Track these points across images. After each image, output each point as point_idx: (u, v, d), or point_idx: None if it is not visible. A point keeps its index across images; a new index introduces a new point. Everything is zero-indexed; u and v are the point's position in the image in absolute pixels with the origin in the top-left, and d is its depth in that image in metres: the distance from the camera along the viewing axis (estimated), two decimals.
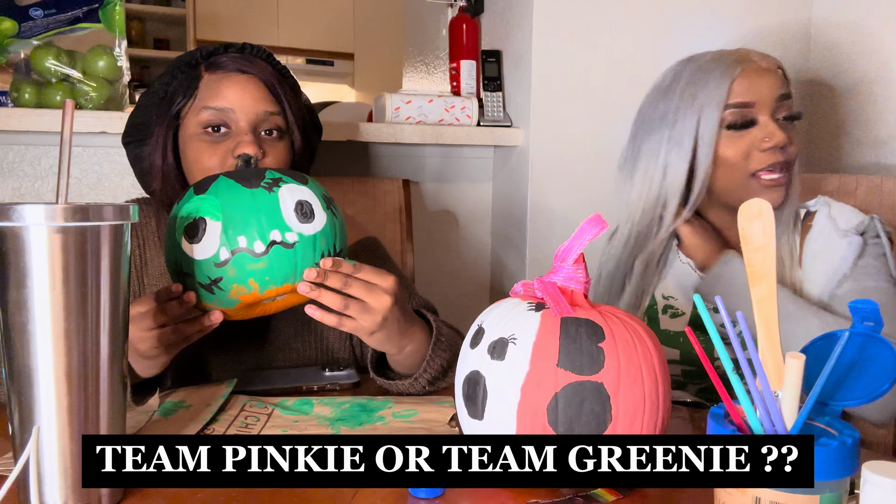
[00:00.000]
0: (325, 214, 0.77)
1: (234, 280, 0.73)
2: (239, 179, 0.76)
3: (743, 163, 0.99)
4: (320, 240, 0.76)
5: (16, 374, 0.55)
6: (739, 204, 0.95)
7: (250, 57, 0.98)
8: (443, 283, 1.68)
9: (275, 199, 0.74)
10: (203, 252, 0.73)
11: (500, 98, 1.62)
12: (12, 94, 1.25)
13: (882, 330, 0.53)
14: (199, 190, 0.76)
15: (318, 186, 0.80)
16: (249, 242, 0.72)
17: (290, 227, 0.74)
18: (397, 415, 0.80)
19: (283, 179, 0.77)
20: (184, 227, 0.74)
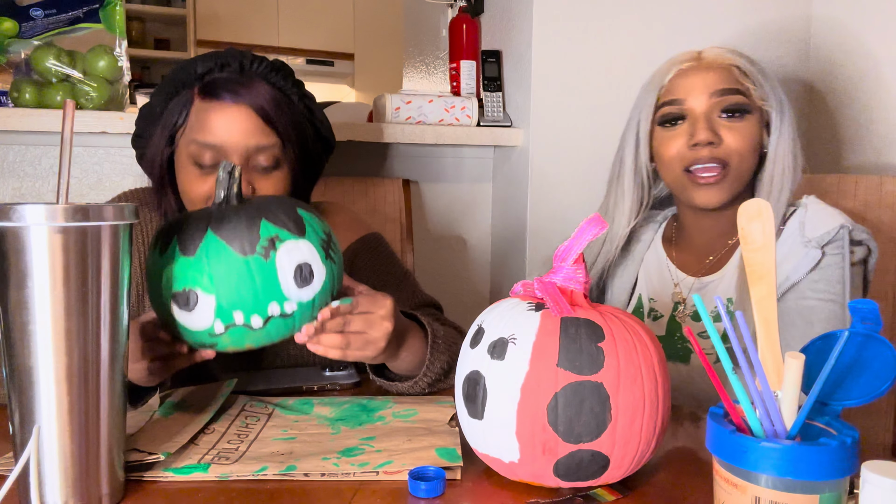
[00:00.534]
0: (324, 268, 0.72)
1: (230, 344, 0.71)
2: (230, 240, 0.67)
3: (677, 160, 0.99)
4: (319, 299, 0.72)
5: (16, 373, 0.55)
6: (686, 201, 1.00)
7: (249, 75, 0.92)
8: (443, 283, 1.68)
9: (272, 268, 0.68)
10: (196, 323, 0.68)
11: (500, 98, 1.62)
12: (13, 94, 1.25)
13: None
14: (186, 250, 0.68)
15: (316, 231, 0.73)
16: (246, 318, 0.68)
17: (288, 298, 0.69)
18: (397, 415, 0.80)
19: (280, 237, 0.69)
20: (172, 293, 0.68)
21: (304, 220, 0.72)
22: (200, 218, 0.70)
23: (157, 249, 0.70)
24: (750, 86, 0.98)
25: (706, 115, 0.97)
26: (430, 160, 1.66)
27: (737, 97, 0.97)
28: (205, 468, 0.64)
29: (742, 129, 0.97)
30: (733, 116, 0.97)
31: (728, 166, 0.97)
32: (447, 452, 0.67)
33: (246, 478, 0.63)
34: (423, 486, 0.60)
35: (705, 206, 0.99)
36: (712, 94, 0.97)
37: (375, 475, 0.63)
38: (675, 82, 1.00)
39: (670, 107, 1.00)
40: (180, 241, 0.68)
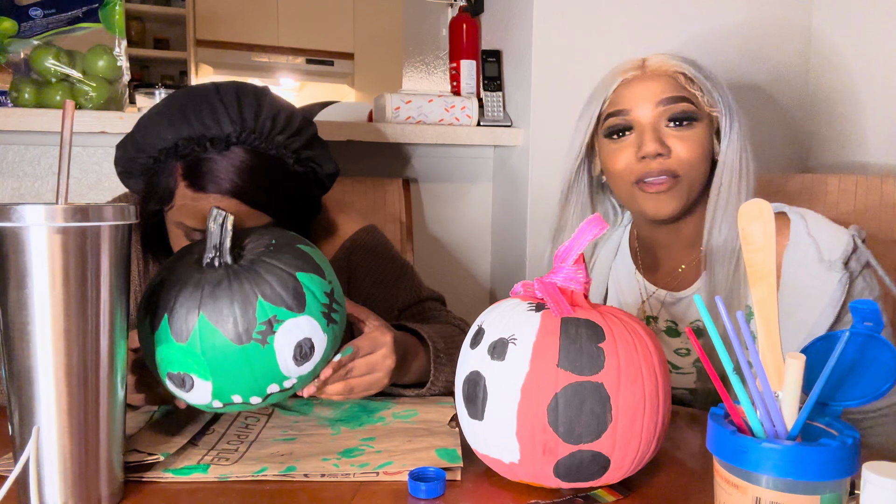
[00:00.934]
0: (326, 337, 0.68)
1: (232, 409, 0.70)
2: (224, 327, 0.63)
3: (626, 172, 0.94)
4: (319, 366, 0.70)
5: (16, 374, 0.55)
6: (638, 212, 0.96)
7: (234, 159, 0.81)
8: (443, 284, 1.68)
9: (270, 354, 0.65)
10: (195, 399, 0.67)
11: (500, 98, 1.62)
12: (12, 93, 1.25)
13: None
14: (178, 335, 0.64)
15: (317, 297, 0.68)
16: (245, 399, 0.67)
17: (287, 377, 0.67)
18: (397, 415, 0.80)
19: (278, 317, 0.65)
20: (166, 373, 0.66)
21: (304, 287, 0.67)
22: (191, 295, 0.65)
23: (147, 323, 0.66)
24: (696, 92, 0.95)
25: (653, 126, 0.93)
26: (430, 160, 1.66)
27: (683, 105, 0.93)
28: (204, 469, 0.64)
29: (691, 138, 0.93)
30: (681, 125, 0.93)
31: (678, 177, 0.92)
32: (447, 453, 0.66)
33: (246, 478, 0.63)
34: (423, 487, 0.60)
35: (656, 217, 0.95)
36: (658, 104, 0.92)
37: (375, 476, 0.63)
38: (620, 93, 0.96)
39: (616, 118, 0.95)
40: (171, 324, 0.64)
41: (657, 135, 0.92)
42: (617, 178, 0.97)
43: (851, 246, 0.88)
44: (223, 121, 0.81)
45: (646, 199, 0.94)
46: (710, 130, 0.96)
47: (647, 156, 0.92)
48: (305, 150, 0.88)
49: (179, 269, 0.68)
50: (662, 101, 0.93)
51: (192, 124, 0.81)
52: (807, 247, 0.89)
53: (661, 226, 1.00)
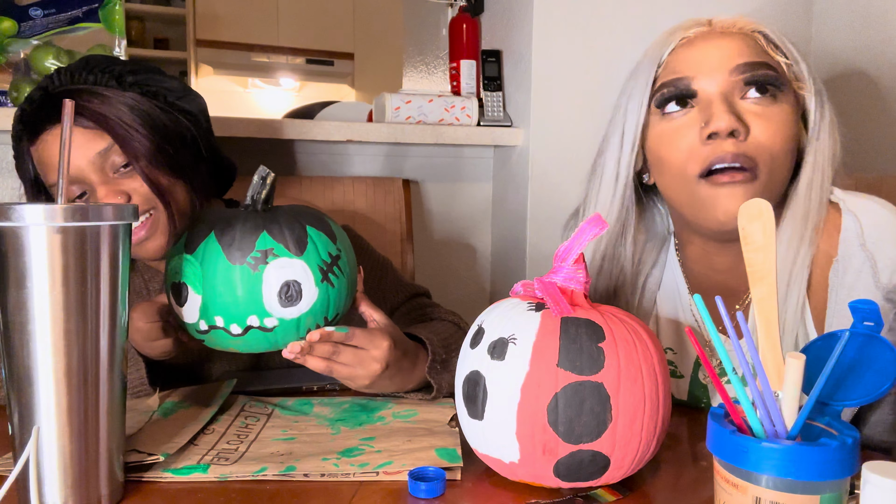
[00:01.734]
0: (317, 290, 0.71)
1: (216, 344, 0.74)
2: (227, 246, 0.69)
3: (686, 160, 0.72)
4: (305, 320, 0.71)
5: (15, 374, 0.55)
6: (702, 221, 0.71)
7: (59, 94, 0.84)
8: (443, 283, 1.68)
9: (257, 281, 0.69)
10: (186, 316, 0.72)
11: (500, 98, 1.62)
12: (12, 93, 1.25)
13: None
14: (190, 246, 0.71)
15: (319, 252, 0.72)
16: (226, 324, 0.71)
17: (269, 314, 0.70)
18: (397, 415, 0.80)
19: (275, 251, 0.69)
20: (171, 283, 0.73)
21: (310, 238, 0.72)
22: (214, 218, 0.72)
23: (176, 241, 0.75)
24: (781, 59, 0.72)
25: (725, 97, 0.70)
26: (430, 160, 1.66)
27: (765, 71, 0.70)
28: (204, 469, 0.64)
29: (774, 117, 0.70)
30: (764, 96, 0.70)
31: (757, 168, 0.70)
32: (447, 453, 0.66)
33: (245, 478, 0.63)
34: (423, 487, 0.60)
35: (729, 220, 0.71)
36: (733, 70, 0.70)
37: (375, 475, 0.63)
38: (680, 55, 0.73)
39: (673, 87, 0.72)
40: (189, 237, 0.72)
41: (731, 107, 0.70)
42: (672, 173, 0.74)
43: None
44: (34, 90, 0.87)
45: (717, 196, 0.70)
46: (796, 111, 0.73)
47: (719, 133, 0.69)
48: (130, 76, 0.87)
49: (218, 209, 0.76)
50: (739, 68, 0.70)
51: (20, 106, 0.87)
52: (860, 265, 0.69)
53: (724, 243, 0.76)
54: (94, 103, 0.83)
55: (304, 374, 0.95)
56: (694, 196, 0.73)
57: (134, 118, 0.84)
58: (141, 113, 0.85)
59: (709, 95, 0.71)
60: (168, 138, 0.87)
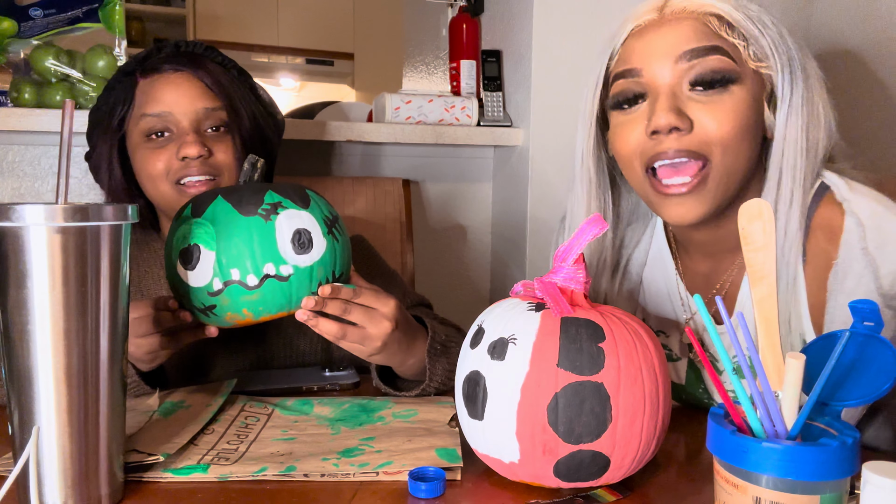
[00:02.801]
0: (325, 241, 0.74)
1: (228, 309, 0.73)
2: (236, 203, 0.72)
3: (636, 155, 0.72)
4: (317, 269, 0.74)
5: (15, 374, 0.55)
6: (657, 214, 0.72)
7: (186, 53, 0.95)
8: (443, 284, 1.68)
9: (271, 229, 0.71)
10: (197, 280, 0.72)
11: (500, 98, 1.62)
12: (12, 93, 1.25)
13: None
14: (197, 211, 0.73)
15: (321, 208, 0.77)
16: (242, 275, 0.71)
17: (285, 260, 0.72)
18: (397, 415, 0.80)
19: (283, 204, 0.73)
20: (179, 251, 0.73)
21: (311, 197, 0.76)
22: (216, 190, 0.75)
23: (177, 215, 0.76)
24: (737, 41, 0.70)
25: (671, 90, 0.69)
26: (430, 160, 1.66)
27: (714, 59, 0.69)
28: (204, 469, 0.64)
29: (724, 107, 0.69)
30: (711, 88, 0.69)
31: (708, 164, 0.69)
32: (447, 453, 0.66)
33: (246, 478, 0.63)
34: (423, 487, 0.60)
35: (679, 223, 0.72)
36: (679, 59, 0.69)
37: (375, 475, 0.63)
38: (630, 45, 0.72)
39: (624, 80, 0.72)
40: (194, 206, 0.74)
41: (674, 101, 0.69)
42: (625, 165, 0.75)
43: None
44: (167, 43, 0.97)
45: (661, 203, 0.72)
46: (755, 95, 0.71)
47: (659, 130, 0.69)
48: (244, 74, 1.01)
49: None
50: (684, 55, 0.69)
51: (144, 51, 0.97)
52: (862, 270, 0.66)
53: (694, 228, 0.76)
54: (215, 69, 0.95)
55: (304, 375, 0.95)
56: (645, 191, 0.74)
57: (245, 98, 0.97)
58: (249, 99, 0.98)
59: (656, 89, 0.71)
60: (261, 132, 0.99)
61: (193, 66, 0.93)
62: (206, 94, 0.93)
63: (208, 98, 0.93)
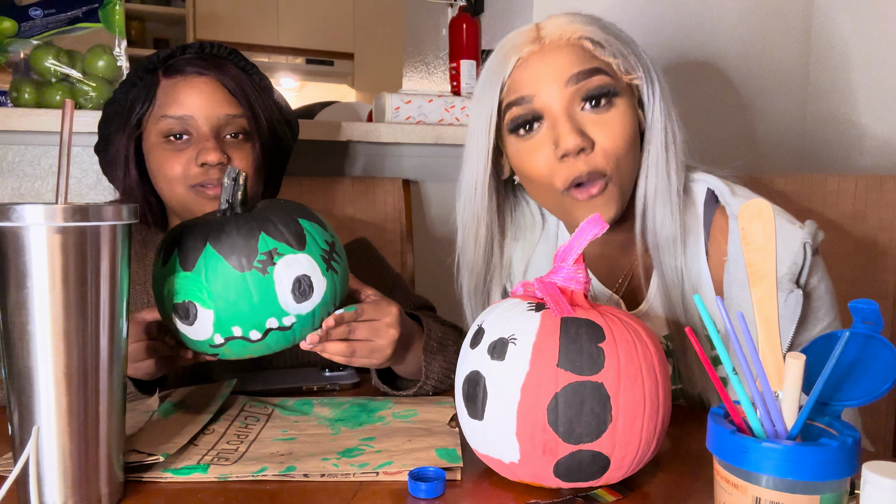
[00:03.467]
0: (325, 280, 0.71)
1: (231, 355, 0.72)
2: (228, 255, 0.68)
3: (550, 178, 0.78)
4: (320, 311, 0.72)
5: (15, 374, 0.55)
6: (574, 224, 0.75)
7: (210, 56, 0.94)
8: (443, 283, 1.67)
9: (269, 284, 0.68)
10: (197, 334, 0.70)
11: None
12: (12, 93, 1.25)
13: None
14: (186, 263, 0.68)
15: (317, 242, 0.72)
16: (245, 332, 0.69)
17: (287, 312, 0.70)
18: (397, 415, 0.80)
19: (279, 250, 0.69)
20: (173, 304, 0.70)
21: (305, 230, 0.72)
22: (201, 229, 0.70)
23: (160, 260, 0.71)
24: (610, 60, 0.77)
25: (567, 113, 0.76)
26: (430, 160, 1.66)
27: (598, 79, 0.76)
28: (204, 469, 0.64)
29: (612, 121, 0.76)
30: (599, 105, 0.76)
31: (608, 174, 0.76)
32: (447, 453, 0.66)
33: (245, 478, 0.63)
34: (423, 487, 0.60)
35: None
36: (567, 83, 0.75)
37: (375, 476, 0.63)
38: (518, 76, 0.78)
39: (518, 107, 0.77)
40: (180, 254, 0.69)
41: (574, 123, 0.75)
42: (539, 185, 0.80)
43: (801, 258, 0.75)
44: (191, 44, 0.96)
45: (580, 209, 0.77)
46: (632, 104, 0.79)
47: (569, 153, 0.75)
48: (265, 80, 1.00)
49: (195, 220, 0.73)
50: (572, 79, 0.75)
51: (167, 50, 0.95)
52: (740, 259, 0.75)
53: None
54: (239, 76, 0.94)
55: (304, 375, 0.95)
56: (560, 204, 0.80)
57: (265, 107, 0.97)
58: (269, 107, 0.98)
59: (553, 113, 0.77)
60: (278, 140, 1.00)
61: (218, 71, 0.93)
62: (229, 100, 0.93)
63: (231, 105, 0.93)
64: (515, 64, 0.78)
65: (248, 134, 0.94)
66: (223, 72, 0.93)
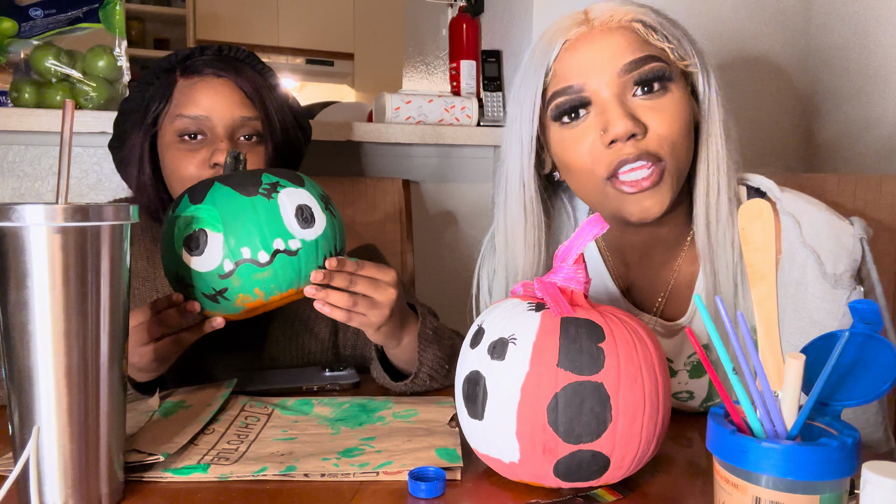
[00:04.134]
0: (325, 216, 0.76)
1: (240, 290, 0.73)
2: (235, 186, 0.73)
3: (593, 166, 0.73)
4: (322, 243, 0.75)
5: (16, 374, 0.55)
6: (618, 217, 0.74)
7: (228, 58, 0.96)
8: (443, 284, 1.68)
9: (275, 206, 0.73)
10: (205, 264, 0.71)
11: (499, 98, 1.62)
12: (12, 94, 1.25)
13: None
14: (195, 198, 0.73)
15: (315, 186, 0.78)
16: (253, 253, 0.71)
17: (292, 235, 0.73)
18: (397, 415, 0.80)
19: (281, 183, 0.75)
20: (183, 238, 0.72)
21: (303, 178, 0.78)
22: (207, 180, 0.75)
23: (171, 210, 0.75)
24: (664, 45, 0.73)
25: (618, 98, 0.72)
26: (430, 160, 1.66)
27: (652, 65, 0.72)
28: (204, 468, 0.64)
29: (668, 107, 0.72)
30: (652, 91, 0.72)
31: (662, 162, 0.72)
32: (447, 453, 0.66)
33: (246, 478, 0.63)
34: (423, 487, 0.60)
35: (643, 220, 0.74)
36: (620, 71, 0.71)
37: (376, 475, 0.63)
38: (565, 61, 0.73)
39: (565, 96, 0.73)
40: (190, 194, 0.74)
41: (625, 109, 0.71)
42: (581, 175, 0.75)
43: (859, 253, 0.72)
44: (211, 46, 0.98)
45: (626, 201, 0.73)
46: (687, 92, 0.75)
47: (618, 139, 0.71)
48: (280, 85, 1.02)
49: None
50: (626, 67, 0.71)
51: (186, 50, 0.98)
52: (804, 259, 0.73)
53: (637, 230, 0.79)
54: (256, 79, 0.96)
55: (304, 375, 0.95)
56: (604, 196, 0.75)
57: (280, 111, 0.98)
58: (284, 112, 1.00)
59: (602, 100, 0.72)
60: (291, 143, 1.02)
61: (235, 73, 0.94)
62: (245, 102, 0.94)
63: (246, 107, 0.94)
64: (562, 47, 0.74)
65: (261, 136, 0.96)
66: (240, 74, 0.95)
